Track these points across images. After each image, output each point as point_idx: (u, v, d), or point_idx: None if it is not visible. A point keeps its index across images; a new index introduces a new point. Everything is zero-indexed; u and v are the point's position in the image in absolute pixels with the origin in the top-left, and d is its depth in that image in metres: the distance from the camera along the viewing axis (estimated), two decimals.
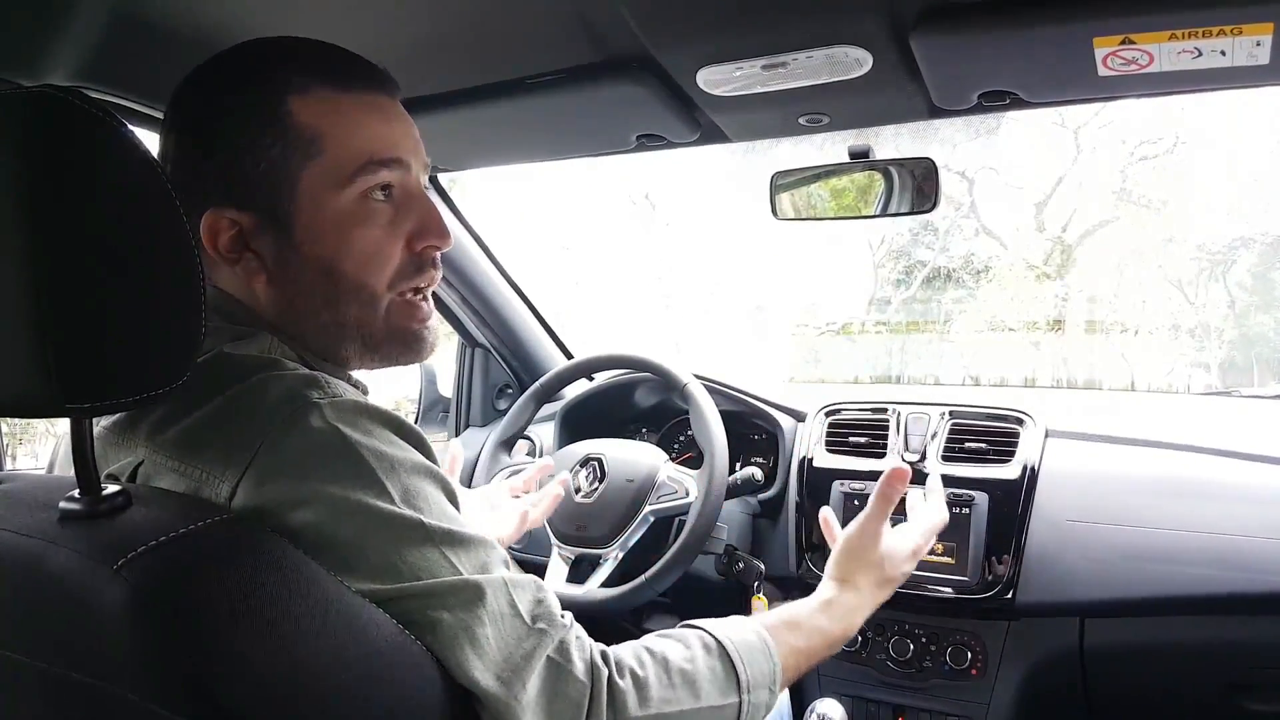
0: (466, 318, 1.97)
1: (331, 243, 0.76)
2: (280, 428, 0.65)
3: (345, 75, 0.77)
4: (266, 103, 0.74)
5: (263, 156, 0.74)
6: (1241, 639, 1.35)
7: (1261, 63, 0.95)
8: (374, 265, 0.78)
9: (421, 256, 0.80)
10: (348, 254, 0.76)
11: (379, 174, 0.76)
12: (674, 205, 7.10)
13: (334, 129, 0.75)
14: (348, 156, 0.75)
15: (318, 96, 0.75)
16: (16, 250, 0.55)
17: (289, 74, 0.75)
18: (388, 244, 0.78)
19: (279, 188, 0.75)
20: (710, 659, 0.78)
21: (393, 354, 0.82)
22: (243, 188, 0.75)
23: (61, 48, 1.03)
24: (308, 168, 0.75)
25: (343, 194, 0.76)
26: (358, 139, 0.76)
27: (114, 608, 0.54)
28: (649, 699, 0.72)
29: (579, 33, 1.07)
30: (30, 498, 0.66)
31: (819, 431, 1.67)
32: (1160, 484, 1.45)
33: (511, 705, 0.65)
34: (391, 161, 0.77)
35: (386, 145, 0.77)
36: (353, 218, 0.76)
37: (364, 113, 0.77)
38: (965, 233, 6.58)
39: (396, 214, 0.78)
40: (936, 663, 1.50)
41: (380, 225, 0.77)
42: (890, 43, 1.02)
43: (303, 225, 0.76)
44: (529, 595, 0.70)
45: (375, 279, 0.78)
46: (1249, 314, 5.94)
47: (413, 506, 0.66)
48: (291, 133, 0.74)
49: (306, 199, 0.75)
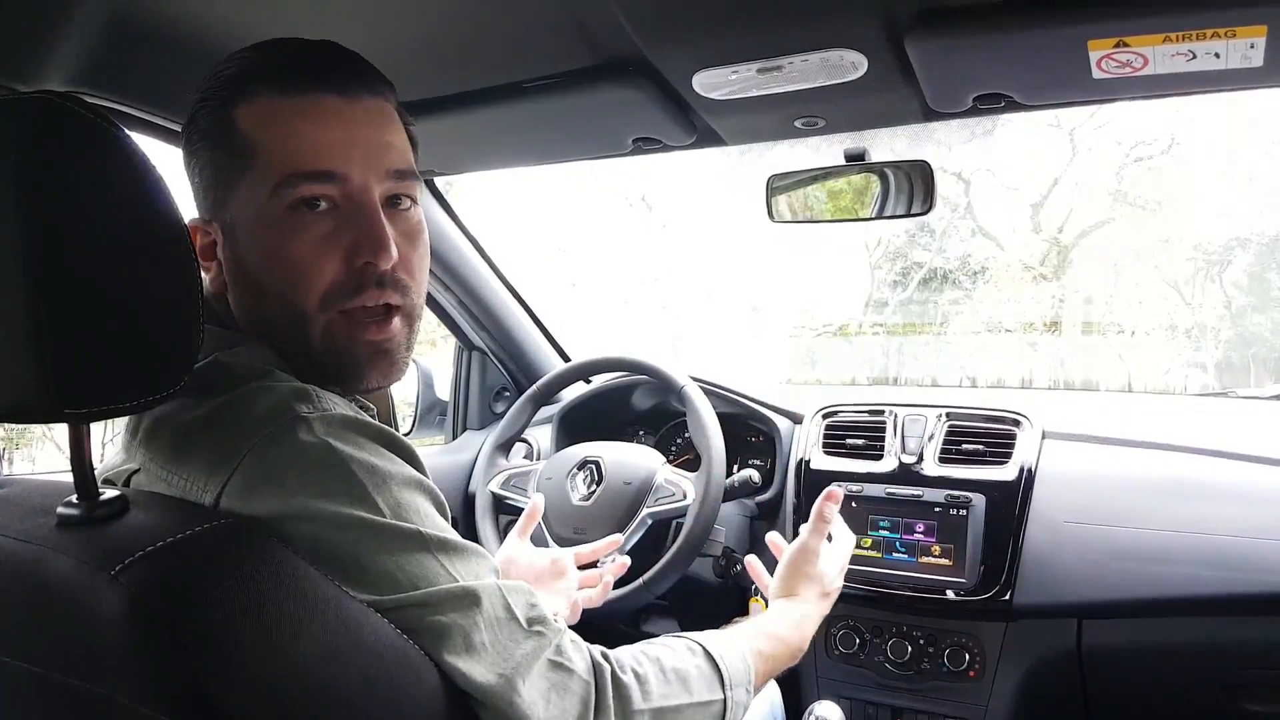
0: (463, 320, 1.97)
1: (263, 256, 0.74)
2: (267, 439, 0.64)
3: (292, 77, 0.73)
4: (219, 113, 0.74)
5: (214, 166, 0.75)
6: (1238, 639, 1.35)
7: (1255, 65, 0.95)
8: (300, 281, 0.73)
9: (362, 274, 0.74)
10: (270, 267, 0.73)
11: (302, 187, 0.72)
12: (671, 207, 7.10)
13: (267, 138, 0.72)
14: (274, 168, 0.72)
15: (260, 103, 0.73)
16: (14, 255, 0.55)
17: (243, 81, 0.74)
18: (318, 259, 0.73)
19: (224, 197, 0.75)
20: (696, 659, 0.82)
21: (339, 376, 0.76)
22: (204, 198, 0.76)
23: (59, 53, 1.02)
24: (244, 178, 0.73)
25: (271, 205, 0.72)
26: (286, 149, 0.72)
27: (112, 613, 0.54)
28: (650, 693, 0.74)
29: (574, 36, 1.07)
30: (28, 503, 0.66)
31: (816, 433, 1.67)
32: (1157, 485, 1.45)
33: (516, 703, 0.66)
34: (318, 174, 0.72)
35: (315, 155, 0.72)
36: (279, 230, 0.72)
37: (299, 119, 0.73)
38: (962, 234, 6.59)
39: (337, 227, 0.73)
40: (934, 664, 1.50)
41: (310, 239, 0.72)
42: (885, 46, 1.02)
43: (243, 237, 0.75)
44: (523, 600, 0.71)
45: (302, 297, 0.73)
46: (1245, 314, 5.96)
47: (405, 519, 0.66)
48: (232, 141, 0.73)
49: (241, 208, 0.74)
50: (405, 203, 0.78)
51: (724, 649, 0.85)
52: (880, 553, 1.53)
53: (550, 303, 2.28)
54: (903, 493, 1.54)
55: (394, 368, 0.78)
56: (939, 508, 1.50)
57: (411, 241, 0.78)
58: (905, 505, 1.53)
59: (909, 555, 1.51)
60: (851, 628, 1.58)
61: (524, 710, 0.66)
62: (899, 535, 1.52)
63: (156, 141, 1.19)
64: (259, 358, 0.74)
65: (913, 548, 1.51)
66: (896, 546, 1.52)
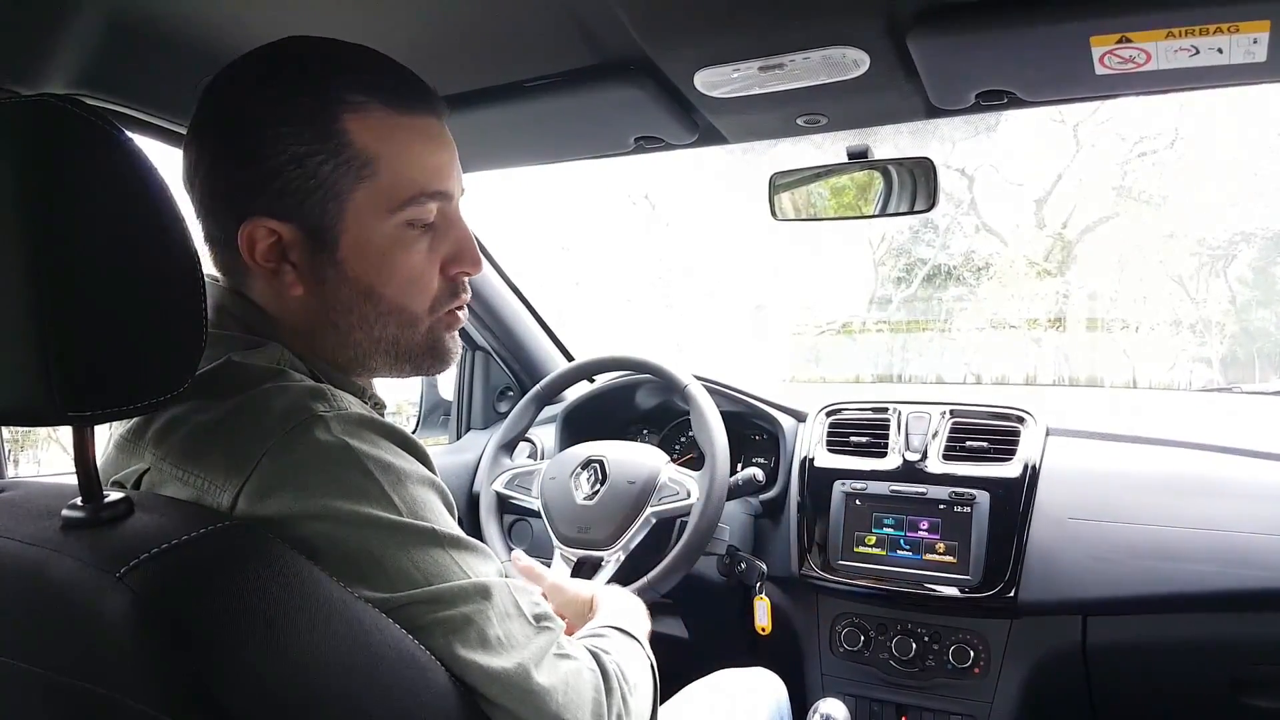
0: (466, 320, 1.97)
1: (375, 265, 0.76)
2: (284, 440, 0.65)
3: (403, 96, 0.76)
4: (321, 116, 0.73)
5: (314, 171, 0.73)
6: (1244, 635, 1.35)
7: (1259, 60, 0.95)
8: (414, 291, 0.79)
9: (455, 281, 0.81)
10: (390, 278, 0.77)
11: (426, 206, 0.77)
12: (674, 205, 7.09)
13: (389, 154, 0.75)
14: (400, 185, 0.75)
15: (376, 117, 0.74)
16: (16, 259, 0.55)
17: (344, 86, 0.74)
18: (427, 271, 0.79)
19: (326, 204, 0.74)
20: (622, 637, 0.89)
21: (424, 365, 0.84)
22: (288, 199, 0.73)
23: (61, 56, 1.02)
24: (359, 189, 0.74)
25: (390, 219, 0.76)
26: (412, 168, 0.76)
27: (117, 615, 0.54)
28: (625, 676, 0.79)
29: (576, 36, 1.07)
30: (32, 506, 0.66)
31: (820, 431, 1.67)
32: (1162, 481, 1.45)
33: (535, 690, 0.67)
34: (439, 194, 0.77)
35: (437, 177, 0.77)
36: (396, 243, 0.77)
37: (419, 139, 0.77)
38: (965, 230, 6.58)
39: (434, 240, 0.79)
40: (939, 662, 1.50)
41: (420, 252, 0.78)
42: (887, 43, 1.02)
43: (347, 244, 0.75)
44: (528, 598, 0.72)
45: (416, 304, 0.79)
46: (1250, 309, 5.94)
47: (420, 516, 0.67)
48: (346, 151, 0.73)
49: (353, 219, 0.75)
50: None
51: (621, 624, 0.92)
52: (885, 550, 1.53)
53: (553, 302, 2.28)
54: (907, 490, 1.54)
55: (458, 351, 0.87)
56: (943, 505, 1.50)
57: None
58: (909, 503, 1.53)
59: (913, 553, 1.51)
60: (856, 625, 1.58)
61: (544, 695, 0.67)
62: (903, 533, 1.52)
63: (158, 143, 1.19)
64: (273, 358, 0.74)
65: (917, 545, 1.51)
66: (901, 544, 1.52)
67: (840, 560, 1.55)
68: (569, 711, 0.69)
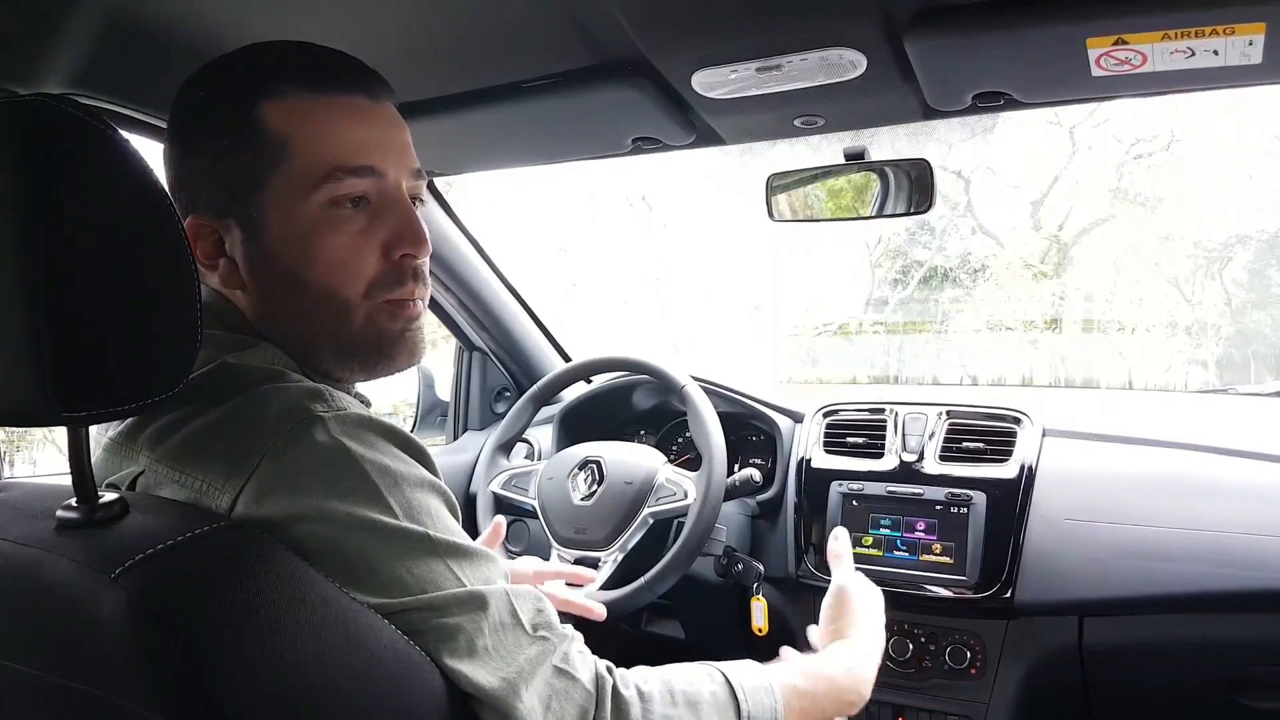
0: (463, 321, 1.97)
1: (299, 251, 0.74)
2: (283, 441, 0.64)
3: (322, 77, 0.75)
4: (240, 109, 0.73)
5: (234, 162, 0.74)
6: (1240, 636, 1.35)
7: (1254, 62, 0.95)
8: (345, 274, 0.75)
9: (400, 266, 0.77)
10: (314, 263, 0.74)
11: (344, 182, 0.74)
12: (671, 206, 7.10)
13: (302, 134, 0.73)
14: (314, 163, 0.73)
15: (291, 100, 0.74)
16: (11, 259, 0.55)
17: (267, 78, 0.74)
18: (360, 252, 0.75)
19: (249, 195, 0.74)
20: (713, 685, 0.78)
21: (371, 362, 0.79)
22: (218, 195, 0.75)
23: (57, 55, 1.02)
24: (275, 174, 0.73)
25: (309, 201, 0.73)
26: (327, 145, 0.74)
27: (112, 616, 0.54)
28: (651, 712, 0.72)
29: (573, 36, 1.07)
30: (27, 507, 0.66)
31: (817, 432, 1.67)
32: (1158, 482, 1.45)
33: (517, 708, 0.65)
34: (360, 169, 0.74)
35: (358, 152, 0.74)
36: (321, 225, 0.74)
37: (336, 116, 0.75)
38: (962, 232, 6.59)
39: (371, 222, 0.76)
40: (936, 662, 1.50)
41: (350, 233, 0.75)
42: (884, 45, 1.02)
43: (273, 233, 0.74)
44: (529, 605, 0.71)
45: (347, 288, 0.76)
46: (1245, 311, 5.96)
47: (417, 521, 0.66)
48: (261, 138, 0.73)
49: (274, 206, 0.74)
50: (418, 202, 0.81)
51: (748, 679, 0.81)
52: (881, 551, 1.53)
53: (550, 303, 2.29)
54: (903, 491, 1.53)
55: (420, 347, 0.82)
56: (940, 506, 1.50)
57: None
58: (906, 503, 1.53)
59: (910, 553, 1.51)
60: None
61: (523, 716, 0.65)
62: (900, 533, 1.52)
63: (153, 143, 1.19)
64: (270, 359, 0.74)
65: (914, 546, 1.51)
66: (897, 545, 1.52)
67: None
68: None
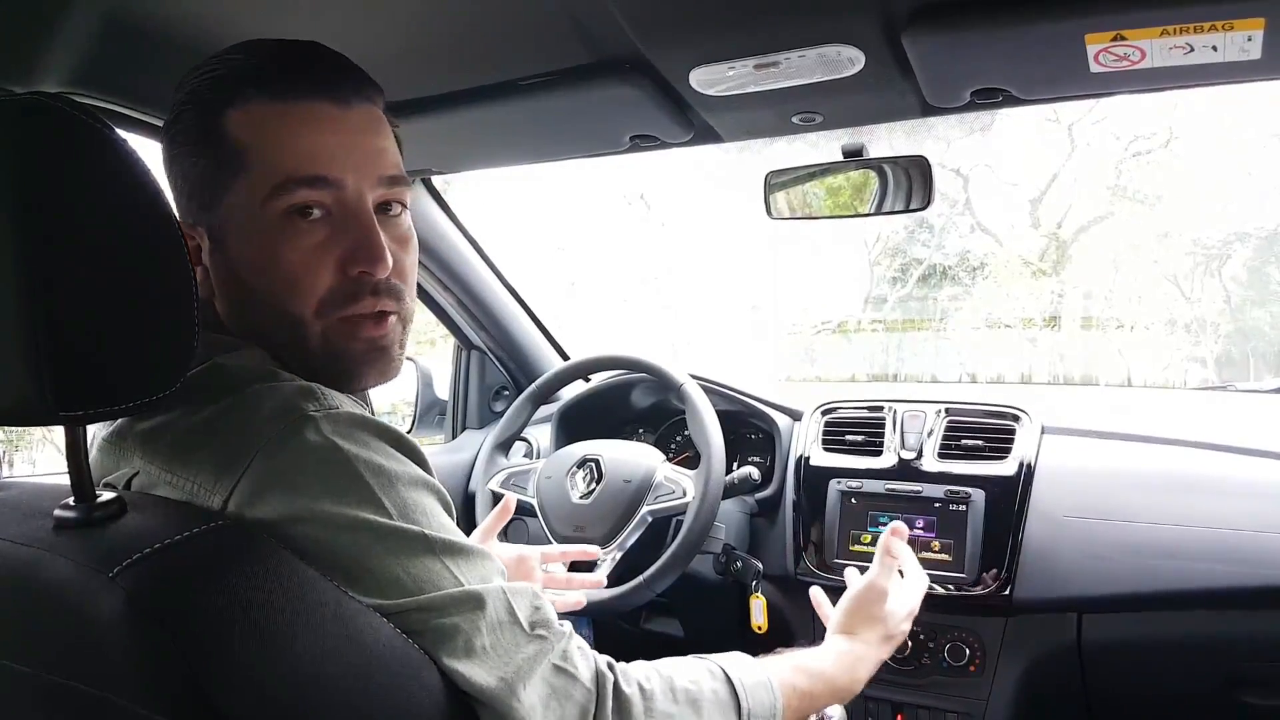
0: (462, 320, 1.97)
1: (254, 262, 0.73)
2: (275, 441, 0.64)
3: (286, 83, 0.73)
4: (205, 119, 0.73)
5: (201, 173, 0.73)
6: (1239, 633, 1.35)
7: (1253, 58, 0.95)
8: (296, 290, 0.73)
9: (357, 281, 0.73)
10: (264, 275, 0.73)
11: (297, 193, 0.71)
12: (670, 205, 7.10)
13: (261, 143, 0.72)
14: (269, 173, 0.71)
15: (253, 108, 0.72)
16: (9, 258, 0.55)
17: (235, 83, 0.73)
18: (313, 267, 0.72)
19: (215, 205, 0.73)
20: (714, 683, 0.78)
21: (335, 380, 0.74)
22: (191, 205, 0.75)
23: (54, 54, 1.02)
24: (235, 183, 0.72)
25: (263, 212, 0.72)
26: (282, 153, 0.71)
27: (110, 615, 0.54)
28: (653, 710, 0.72)
29: (570, 34, 1.07)
30: (25, 506, 0.66)
31: (815, 430, 1.67)
32: (1157, 479, 1.45)
33: (515, 707, 0.65)
34: (313, 179, 0.72)
35: (313, 162, 0.72)
36: (276, 237, 0.72)
37: (296, 125, 0.72)
38: (961, 230, 6.59)
39: (331, 234, 0.73)
40: (935, 660, 1.50)
41: (304, 247, 0.72)
42: (882, 41, 1.02)
43: (234, 242, 0.74)
44: (527, 603, 0.70)
45: (297, 304, 0.73)
46: (1244, 308, 5.96)
47: (412, 520, 0.66)
48: (223, 147, 0.72)
49: (232, 215, 0.73)
50: (396, 209, 0.78)
51: (749, 676, 0.81)
52: None
53: (549, 302, 2.29)
54: (902, 489, 1.54)
55: (390, 366, 0.78)
56: (938, 503, 1.50)
57: (403, 247, 0.78)
58: (905, 501, 1.53)
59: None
60: None
61: (523, 715, 0.65)
62: None
63: (151, 141, 1.19)
64: (259, 360, 0.74)
65: (912, 544, 1.50)
66: None
67: (836, 559, 1.55)
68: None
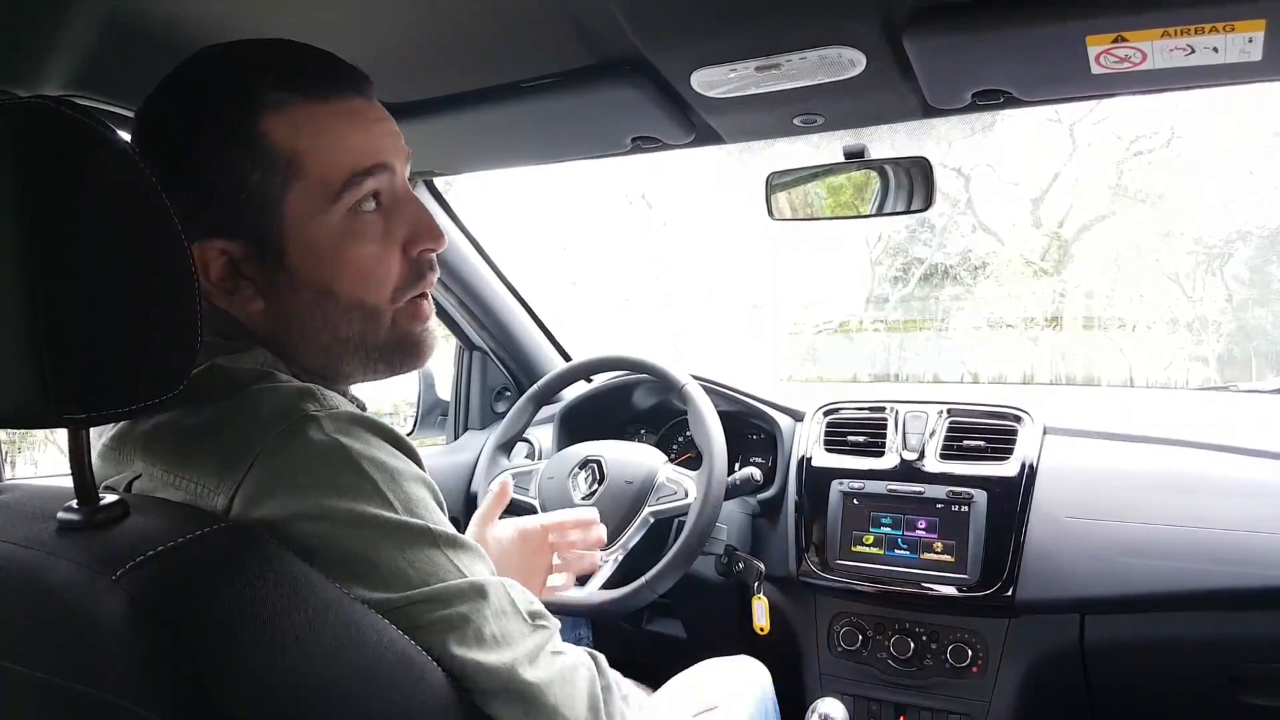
0: (464, 321, 1.97)
1: (328, 264, 0.74)
2: (278, 440, 0.65)
3: (318, 84, 0.74)
4: (241, 125, 0.71)
5: (243, 183, 0.72)
6: (1242, 633, 1.35)
7: (1254, 59, 0.95)
8: (373, 281, 0.76)
9: (419, 261, 0.79)
10: (345, 274, 0.75)
11: (365, 184, 0.74)
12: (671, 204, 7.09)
13: (313, 146, 0.72)
14: (331, 173, 0.73)
15: (294, 111, 0.72)
16: (11, 260, 0.55)
17: (261, 88, 0.72)
18: (384, 257, 0.76)
19: (264, 214, 0.72)
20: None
21: (395, 363, 0.81)
22: (228, 217, 0.72)
23: (55, 57, 1.02)
24: (291, 190, 0.72)
25: (331, 212, 0.73)
26: (339, 151, 0.73)
27: (113, 618, 0.54)
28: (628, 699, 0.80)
29: (572, 36, 1.07)
30: (28, 509, 0.66)
31: (817, 431, 1.67)
32: (1159, 479, 1.45)
33: (533, 685, 0.68)
34: (376, 168, 0.75)
35: (368, 153, 0.74)
36: (345, 236, 0.74)
37: (342, 122, 0.74)
38: (962, 229, 6.58)
39: (388, 222, 0.76)
40: (937, 661, 1.50)
41: (374, 239, 0.75)
42: (883, 43, 1.02)
43: (294, 249, 0.74)
44: (522, 594, 0.73)
45: (376, 295, 0.77)
46: (1246, 308, 5.95)
47: (416, 514, 0.67)
48: (269, 154, 0.71)
49: (294, 223, 0.73)
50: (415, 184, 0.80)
51: None
52: (882, 549, 1.53)
53: (550, 302, 2.29)
54: (904, 489, 1.54)
55: (434, 344, 0.84)
56: (941, 504, 1.50)
57: None
58: (907, 502, 1.53)
59: (911, 552, 1.51)
60: (854, 625, 1.58)
61: (541, 690, 0.68)
62: (901, 532, 1.52)
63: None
64: (258, 361, 0.74)
65: (915, 544, 1.51)
66: (898, 543, 1.52)
67: (838, 560, 1.56)
68: (564, 706, 0.69)
